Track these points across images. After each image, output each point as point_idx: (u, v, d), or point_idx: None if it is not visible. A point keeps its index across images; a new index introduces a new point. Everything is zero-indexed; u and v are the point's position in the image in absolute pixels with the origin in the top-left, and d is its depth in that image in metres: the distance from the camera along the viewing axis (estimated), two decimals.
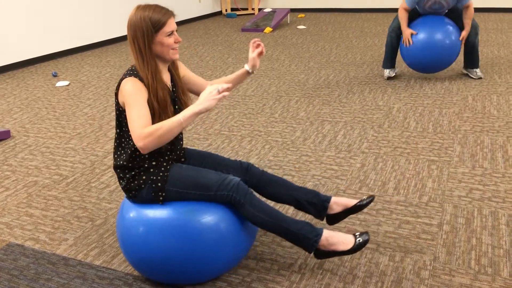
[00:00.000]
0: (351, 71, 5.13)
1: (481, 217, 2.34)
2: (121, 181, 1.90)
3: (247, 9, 10.25)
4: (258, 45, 2.04)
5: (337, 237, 1.89)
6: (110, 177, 2.96)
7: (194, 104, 1.69)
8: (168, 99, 1.82)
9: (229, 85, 1.72)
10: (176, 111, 1.92)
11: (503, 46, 5.84)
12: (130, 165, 1.87)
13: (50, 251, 2.24)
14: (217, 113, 4.03)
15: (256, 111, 4.04)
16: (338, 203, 2.05)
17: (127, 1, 7.60)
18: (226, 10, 9.99)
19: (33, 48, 6.21)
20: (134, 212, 1.87)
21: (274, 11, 8.49)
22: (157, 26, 1.74)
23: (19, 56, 6.04)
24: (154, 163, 1.88)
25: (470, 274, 1.95)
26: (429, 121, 3.61)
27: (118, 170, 1.90)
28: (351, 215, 2.38)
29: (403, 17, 4.43)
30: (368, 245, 2.16)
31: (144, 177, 1.85)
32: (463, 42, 4.40)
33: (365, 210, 2.44)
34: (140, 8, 1.76)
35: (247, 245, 1.95)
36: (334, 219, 2.09)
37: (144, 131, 1.67)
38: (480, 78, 4.56)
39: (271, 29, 7.70)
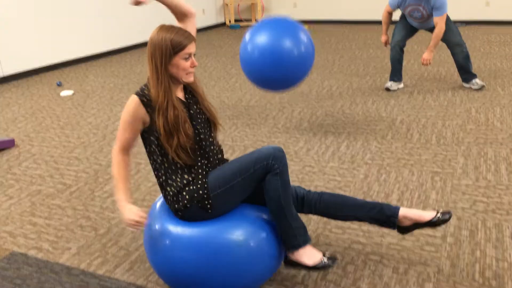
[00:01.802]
0: (354, 82, 5.15)
1: (485, 229, 2.33)
2: (167, 201, 1.90)
3: (250, 20, 10.32)
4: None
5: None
6: (114, 187, 2.97)
7: (124, 203, 1.82)
8: (182, 118, 1.81)
9: (143, 221, 1.76)
10: (197, 126, 1.88)
11: (506, 59, 5.86)
12: (168, 180, 1.86)
13: (53, 260, 2.24)
14: (221, 123, 4.04)
15: (259, 121, 4.05)
16: (408, 217, 1.94)
17: (131, 12, 7.67)
18: (229, 22, 10.06)
19: (38, 58, 6.25)
20: (161, 225, 1.84)
21: None
22: (177, 48, 1.77)
23: (24, 65, 6.09)
24: (193, 175, 1.86)
25: (474, 286, 1.94)
26: (432, 132, 3.61)
27: (163, 191, 1.90)
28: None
29: (384, 20, 4.56)
30: (371, 256, 2.16)
31: (187, 197, 1.84)
32: (426, 64, 4.36)
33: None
34: (163, 28, 1.78)
35: (274, 264, 1.89)
36: (405, 230, 1.99)
37: (114, 155, 1.90)
38: (483, 86, 4.56)
39: None
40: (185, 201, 1.84)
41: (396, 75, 4.71)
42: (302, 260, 1.87)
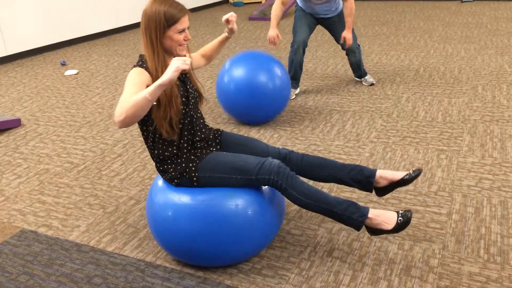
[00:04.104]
0: None
1: (490, 206, 2.35)
2: (158, 171, 1.97)
3: None
4: (227, 21, 2.09)
5: (380, 218, 1.86)
6: (120, 166, 2.99)
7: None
8: (175, 92, 1.83)
9: (189, 59, 1.61)
10: (188, 102, 1.93)
11: None
12: (161, 157, 1.92)
13: (63, 238, 2.28)
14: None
15: None
16: (384, 177, 2.02)
17: None
18: None
19: (42, 37, 6.22)
20: (162, 197, 1.92)
21: None
22: (171, 21, 1.77)
23: (28, 45, 6.06)
24: (186, 152, 1.93)
25: (479, 262, 1.96)
26: (438, 110, 3.60)
27: (158, 165, 1.95)
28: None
29: (275, 12, 3.48)
30: None
31: (177, 169, 1.91)
32: (346, 43, 3.75)
33: (374, 199, 2.45)
34: (157, 1, 1.78)
35: (273, 230, 1.98)
36: (382, 192, 2.06)
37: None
38: (372, 84, 4.20)
39: None
40: (171, 170, 1.90)
41: (296, 80, 3.99)
42: (382, 228, 1.86)
